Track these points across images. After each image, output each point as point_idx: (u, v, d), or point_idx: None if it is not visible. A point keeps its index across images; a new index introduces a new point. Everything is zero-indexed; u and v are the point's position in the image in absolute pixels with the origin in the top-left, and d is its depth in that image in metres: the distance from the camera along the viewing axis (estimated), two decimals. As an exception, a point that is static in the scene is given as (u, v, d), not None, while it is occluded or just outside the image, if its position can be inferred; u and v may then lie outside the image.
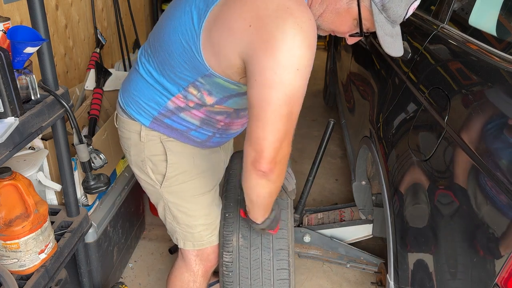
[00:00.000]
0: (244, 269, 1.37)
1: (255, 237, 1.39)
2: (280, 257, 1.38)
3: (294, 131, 1.12)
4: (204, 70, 1.11)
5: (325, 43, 6.36)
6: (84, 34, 2.71)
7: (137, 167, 1.37)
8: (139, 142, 1.31)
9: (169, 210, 1.39)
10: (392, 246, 1.34)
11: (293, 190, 1.45)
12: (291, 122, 1.02)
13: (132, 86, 1.28)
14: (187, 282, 1.48)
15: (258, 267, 1.37)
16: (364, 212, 2.14)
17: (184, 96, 1.20)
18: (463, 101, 1.10)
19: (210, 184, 1.41)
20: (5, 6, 1.85)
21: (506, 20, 1.20)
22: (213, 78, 1.12)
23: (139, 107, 1.27)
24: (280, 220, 1.40)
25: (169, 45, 1.14)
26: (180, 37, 1.10)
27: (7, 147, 1.08)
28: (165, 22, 1.17)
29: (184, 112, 1.24)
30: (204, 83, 1.15)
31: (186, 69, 1.14)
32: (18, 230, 1.21)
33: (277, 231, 1.38)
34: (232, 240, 1.39)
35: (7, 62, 1.05)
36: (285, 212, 1.45)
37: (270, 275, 1.37)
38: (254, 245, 1.38)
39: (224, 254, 1.40)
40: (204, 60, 1.08)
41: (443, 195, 1.09)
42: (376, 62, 1.93)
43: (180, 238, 1.43)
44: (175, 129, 1.28)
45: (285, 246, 1.39)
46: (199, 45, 1.07)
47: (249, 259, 1.38)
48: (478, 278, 0.92)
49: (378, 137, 1.60)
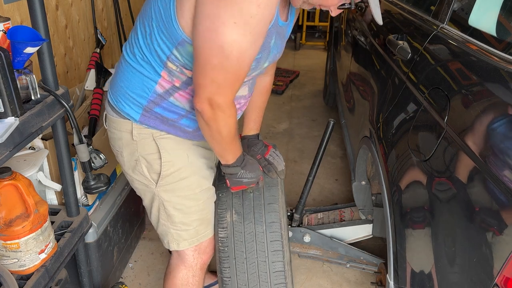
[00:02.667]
0: (239, 243, 1.42)
1: (248, 212, 1.44)
2: (273, 229, 1.42)
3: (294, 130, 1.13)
4: (178, 36, 1.13)
5: (325, 43, 6.37)
6: (84, 34, 2.71)
7: (131, 167, 1.36)
8: (131, 141, 1.31)
9: (164, 210, 1.39)
10: (392, 246, 1.34)
11: (282, 170, 1.53)
12: (224, 74, 1.07)
13: (119, 78, 1.29)
14: (186, 278, 1.48)
15: (252, 240, 1.41)
16: (364, 212, 2.14)
17: (168, 73, 1.21)
18: (463, 101, 1.10)
19: (206, 179, 1.41)
20: (5, 6, 1.85)
21: (506, 20, 1.20)
22: (185, 46, 1.14)
23: (127, 99, 1.27)
24: (262, 176, 1.45)
25: (150, 16, 1.16)
26: (159, 3, 1.14)
27: (7, 147, 1.08)
28: (148, 0, 1.21)
29: (173, 95, 1.24)
30: (178, 57, 1.17)
31: (162, 41, 1.16)
32: (18, 230, 1.21)
33: (262, 180, 1.44)
34: (226, 216, 1.44)
35: (7, 62, 1.05)
36: (276, 189, 1.49)
37: (264, 247, 1.41)
38: (247, 219, 1.43)
39: (219, 230, 1.43)
40: (178, 22, 1.10)
41: (443, 195, 1.09)
42: (376, 62, 1.93)
43: (173, 240, 1.42)
44: (165, 118, 1.27)
45: (276, 219, 1.44)
46: (173, 5, 1.09)
47: (243, 233, 1.42)
48: (478, 278, 0.92)
49: (378, 137, 1.60)
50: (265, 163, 1.55)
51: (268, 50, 1.20)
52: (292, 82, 4.78)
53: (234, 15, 0.99)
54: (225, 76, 1.08)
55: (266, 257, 1.41)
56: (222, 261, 1.43)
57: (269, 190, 1.50)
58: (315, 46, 6.45)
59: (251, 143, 1.60)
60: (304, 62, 5.57)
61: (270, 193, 1.49)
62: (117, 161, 1.42)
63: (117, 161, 1.42)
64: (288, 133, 3.57)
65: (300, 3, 1.14)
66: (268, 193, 1.49)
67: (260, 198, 1.48)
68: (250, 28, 1.02)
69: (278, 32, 1.19)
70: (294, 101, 4.26)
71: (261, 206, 1.46)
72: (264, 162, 1.56)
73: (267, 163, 1.55)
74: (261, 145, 1.59)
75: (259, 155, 1.57)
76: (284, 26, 1.22)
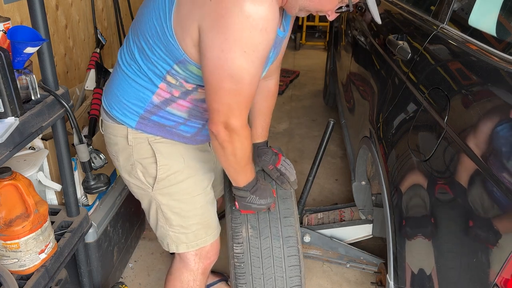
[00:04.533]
0: (256, 258, 1.39)
1: (264, 227, 1.41)
2: (290, 244, 1.40)
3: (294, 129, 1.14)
4: (178, 55, 1.13)
5: (325, 43, 6.37)
6: (84, 34, 2.71)
7: (127, 172, 1.36)
8: (127, 146, 1.30)
9: (161, 213, 1.38)
10: (391, 246, 1.34)
11: (294, 180, 1.51)
12: (235, 97, 1.09)
13: (114, 86, 1.28)
14: (187, 282, 1.48)
15: (269, 255, 1.39)
16: (364, 212, 2.14)
17: (167, 85, 1.21)
18: (463, 101, 1.10)
19: (203, 183, 1.40)
20: (5, 6, 1.85)
21: (506, 20, 1.20)
22: (186, 65, 1.14)
23: (123, 107, 1.26)
24: (275, 198, 1.44)
25: (146, 33, 1.16)
26: (154, 21, 1.12)
27: (7, 147, 1.08)
28: (142, 12, 1.19)
29: (171, 105, 1.24)
30: (179, 72, 1.17)
31: (161, 57, 1.15)
32: (18, 230, 1.21)
33: (274, 207, 1.42)
34: (242, 231, 1.41)
35: (7, 62, 1.05)
36: (290, 201, 1.47)
37: (282, 263, 1.39)
38: (263, 234, 1.41)
39: (235, 246, 1.40)
40: (177, 42, 1.10)
41: (443, 195, 1.09)
42: (376, 62, 1.93)
43: (172, 242, 1.42)
44: (162, 125, 1.27)
45: (293, 233, 1.41)
46: (171, 26, 1.09)
47: (259, 249, 1.39)
48: (478, 279, 0.92)
49: (378, 137, 1.60)
50: (278, 174, 1.54)
51: (266, 62, 1.21)
52: (292, 82, 4.78)
53: (243, 44, 1.00)
54: (237, 100, 1.09)
55: (283, 272, 1.38)
56: (238, 277, 1.40)
57: (284, 202, 1.47)
58: (315, 46, 6.45)
59: (261, 152, 1.58)
60: (304, 62, 5.57)
61: (285, 205, 1.47)
62: (114, 165, 1.42)
63: (114, 165, 1.42)
64: (288, 133, 3.57)
65: (296, 11, 1.13)
66: (283, 205, 1.47)
67: (275, 212, 1.45)
68: (258, 54, 1.04)
69: (276, 42, 1.20)
70: (294, 101, 4.26)
71: (277, 220, 1.43)
72: (276, 173, 1.54)
73: (279, 174, 1.54)
74: (271, 153, 1.57)
75: (271, 165, 1.55)
76: (282, 36, 1.22)
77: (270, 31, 1.02)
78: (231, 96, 1.08)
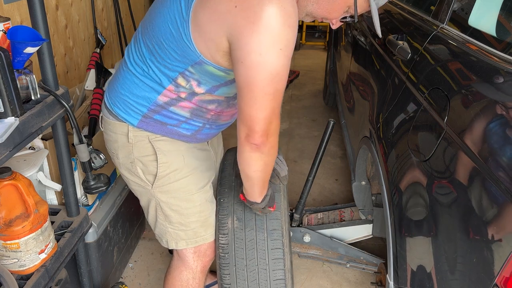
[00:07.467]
0: (240, 250, 1.41)
1: (249, 219, 1.43)
2: (274, 237, 1.41)
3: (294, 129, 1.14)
4: (195, 57, 1.12)
5: (325, 43, 6.37)
6: (84, 34, 2.71)
7: (126, 169, 1.37)
8: (127, 143, 1.31)
9: (161, 210, 1.39)
10: (391, 246, 1.34)
11: (285, 176, 1.51)
12: (277, 99, 1.09)
13: (119, 84, 1.28)
14: (186, 280, 1.48)
15: (253, 247, 1.40)
16: (364, 212, 2.14)
17: (175, 87, 1.20)
18: (463, 101, 1.10)
19: (202, 181, 1.41)
20: (5, 6, 1.85)
21: (506, 20, 1.21)
22: (203, 65, 1.14)
23: (127, 106, 1.26)
24: (275, 200, 1.44)
25: (159, 36, 1.15)
26: (169, 25, 1.12)
27: (7, 147, 1.08)
28: (154, 13, 1.19)
29: (175, 105, 1.24)
30: (193, 73, 1.16)
31: (176, 59, 1.15)
32: (18, 230, 1.21)
33: (275, 208, 1.42)
34: (227, 222, 1.43)
35: (7, 62, 1.05)
36: (278, 195, 1.49)
37: (265, 255, 1.40)
38: (248, 226, 1.42)
39: (220, 236, 1.42)
40: (195, 46, 1.10)
41: (443, 196, 1.09)
42: (376, 62, 1.93)
43: (171, 238, 1.43)
44: (164, 124, 1.27)
45: (278, 227, 1.43)
46: (188, 31, 1.09)
47: (244, 240, 1.41)
48: (478, 279, 0.92)
49: (378, 137, 1.61)
50: None
51: None
52: (292, 82, 4.78)
53: (278, 43, 1.01)
54: (279, 100, 1.10)
55: (266, 265, 1.40)
56: (222, 267, 1.42)
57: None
58: (315, 46, 6.45)
59: None
60: (304, 62, 5.57)
61: None
62: (113, 163, 1.42)
63: (113, 163, 1.42)
64: (288, 133, 3.57)
65: (303, 16, 1.15)
66: None
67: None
68: (290, 49, 1.05)
69: None
70: (294, 101, 4.26)
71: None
72: None
73: None
74: None
75: None
76: None
77: (295, 26, 1.04)
78: (275, 98, 1.07)
